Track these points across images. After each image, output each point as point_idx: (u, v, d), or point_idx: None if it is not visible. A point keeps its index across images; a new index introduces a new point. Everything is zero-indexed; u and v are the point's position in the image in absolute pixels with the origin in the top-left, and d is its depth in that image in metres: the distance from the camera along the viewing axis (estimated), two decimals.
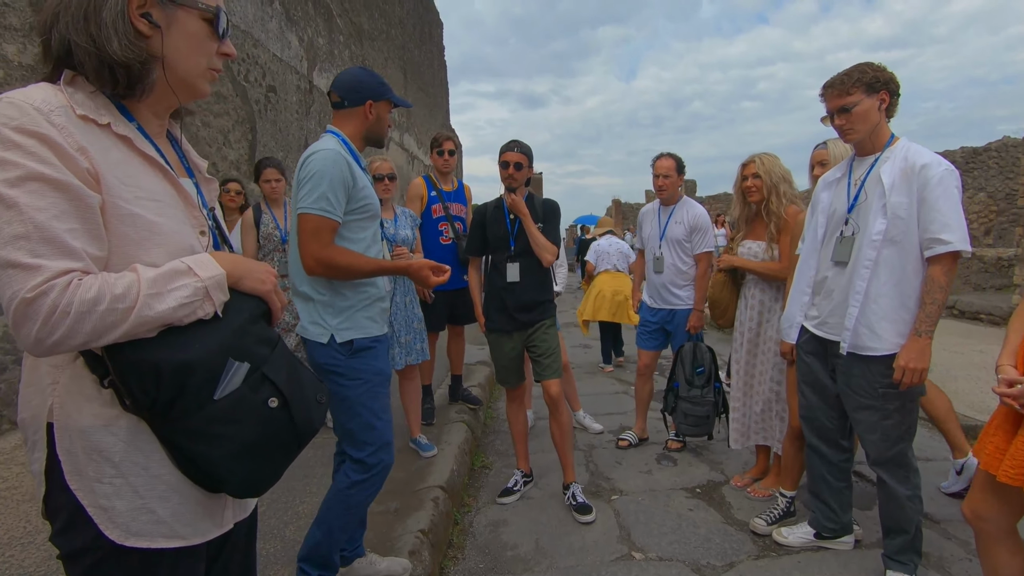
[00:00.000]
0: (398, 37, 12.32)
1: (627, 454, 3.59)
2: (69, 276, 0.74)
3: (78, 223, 0.77)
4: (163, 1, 0.86)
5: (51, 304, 0.72)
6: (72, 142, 0.78)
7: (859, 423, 2.06)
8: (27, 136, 0.75)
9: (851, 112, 1.96)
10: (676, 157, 3.38)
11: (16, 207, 0.73)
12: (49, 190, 0.75)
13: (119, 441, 0.83)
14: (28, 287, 0.72)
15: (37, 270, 0.72)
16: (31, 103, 0.77)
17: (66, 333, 0.74)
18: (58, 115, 0.79)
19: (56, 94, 0.81)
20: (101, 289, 0.75)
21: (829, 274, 2.12)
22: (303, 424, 0.94)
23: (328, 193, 1.69)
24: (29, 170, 0.74)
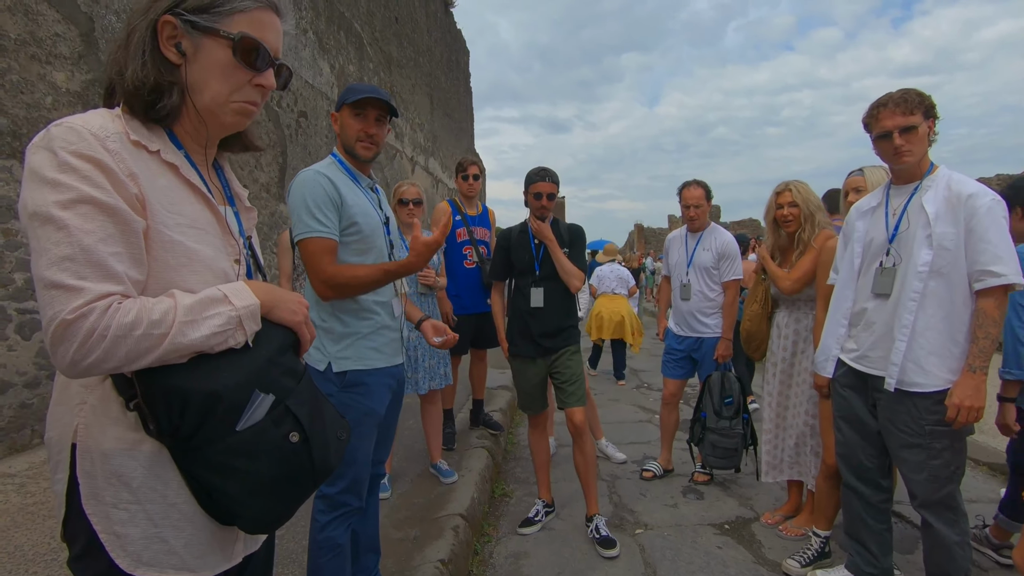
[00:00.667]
0: (426, 65, 12.62)
1: (652, 486, 3.48)
2: (109, 300, 0.75)
3: (123, 247, 0.78)
4: (189, 30, 0.87)
5: (90, 326, 0.73)
6: (124, 168, 0.80)
7: (904, 462, 1.96)
8: (83, 160, 0.76)
9: (914, 132, 1.88)
10: (704, 185, 3.35)
11: (66, 229, 0.74)
12: (98, 214, 0.76)
13: (139, 466, 0.83)
14: (69, 308, 0.73)
15: (80, 292, 0.73)
16: (89, 128, 0.79)
17: (101, 356, 0.74)
18: (113, 141, 0.80)
19: (113, 120, 0.84)
20: (139, 314, 0.76)
21: (869, 306, 2.04)
22: (320, 462, 0.92)
23: (312, 212, 1.64)
24: (81, 193, 0.75)
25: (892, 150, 1.92)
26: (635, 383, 6.61)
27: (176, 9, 0.87)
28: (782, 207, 2.75)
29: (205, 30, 0.88)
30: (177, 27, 0.87)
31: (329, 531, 1.73)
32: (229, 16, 0.89)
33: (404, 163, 10.73)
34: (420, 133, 12.03)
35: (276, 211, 6.09)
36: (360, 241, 1.73)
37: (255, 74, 0.92)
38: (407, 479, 3.19)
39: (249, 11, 0.90)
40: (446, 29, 14.75)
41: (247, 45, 0.89)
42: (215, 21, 0.88)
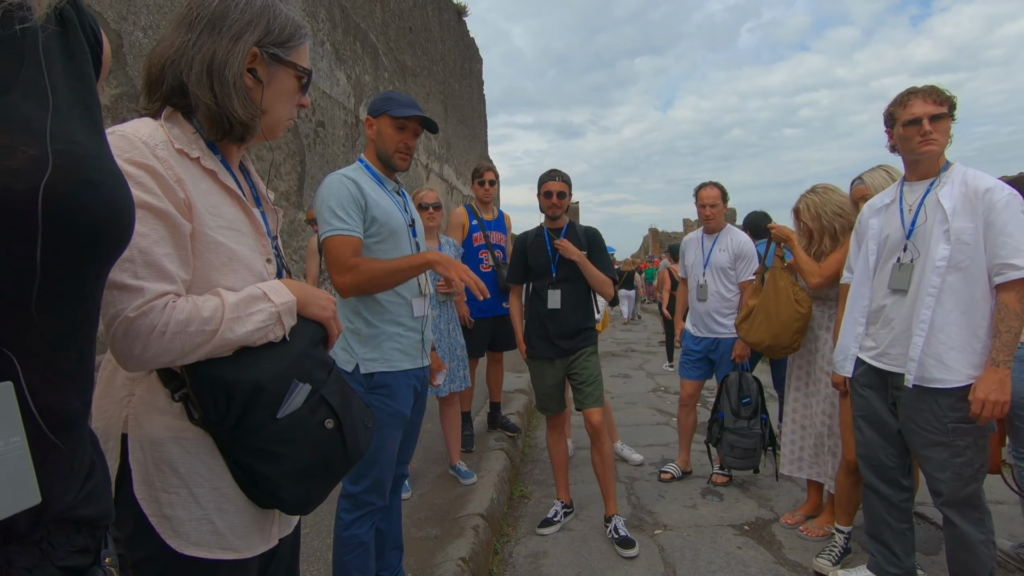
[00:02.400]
0: (439, 73, 12.77)
1: (670, 487, 3.48)
2: (166, 298, 0.81)
3: (173, 249, 0.84)
4: (268, 60, 0.97)
5: (150, 323, 0.79)
6: (172, 174, 0.86)
7: (927, 461, 1.94)
8: (136, 167, 0.83)
9: (941, 122, 1.90)
10: (720, 186, 3.37)
11: None
12: (152, 217, 0.82)
13: (186, 452, 0.88)
14: (132, 307, 0.79)
15: (140, 291, 0.79)
16: (140, 137, 0.85)
17: (159, 351, 0.80)
18: (161, 149, 0.87)
19: (158, 129, 0.90)
20: (192, 312, 0.82)
21: (887, 303, 2.04)
22: (352, 447, 0.98)
23: (335, 212, 1.68)
24: (137, 198, 0.81)
25: (919, 137, 1.92)
26: (651, 386, 6.60)
27: (262, 41, 0.96)
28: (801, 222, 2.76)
29: (283, 62, 0.98)
30: (257, 56, 0.96)
31: (354, 529, 1.78)
32: (296, 50, 1.01)
33: (419, 170, 10.85)
34: (434, 140, 12.15)
35: (295, 219, 6.21)
36: (385, 241, 1.78)
37: (302, 96, 1.05)
38: (427, 480, 3.23)
39: (304, 45, 1.03)
40: (459, 37, 14.91)
41: (307, 76, 1.02)
42: (289, 54, 0.99)
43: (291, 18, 1.01)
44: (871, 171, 2.53)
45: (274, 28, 0.97)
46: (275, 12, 0.98)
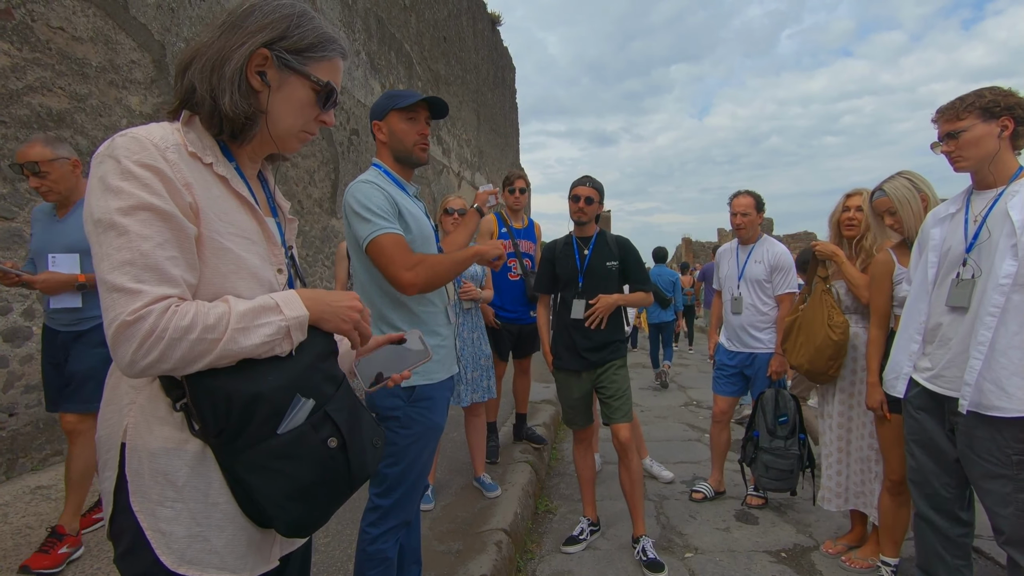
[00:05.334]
0: (472, 82, 12.86)
1: (702, 507, 3.34)
2: (167, 302, 0.78)
3: (178, 252, 0.82)
4: (280, 65, 0.93)
5: (148, 328, 0.76)
6: (180, 177, 0.84)
7: (987, 494, 1.78)
8: (144, 169, 0.81)
9: (958, 138, 1.79)
10: (755, 194, 3.24)
11: (127, 234, 0.78)
12: (156, 220, 0.80)
13: (184, 466, 0.85)
14: (129, 310, 0.76)
15: (139, 294, 0.77)
16: (151, 139, 0.83)
17: (158, 357, 0.77)
18: (172, 152, 0.85)
19: (172, 132, 0.88)
20: (195, 318, 0.79)
21: (944, 320, 1.89)
22: (357, 468, 0.93)
23: (377, 213, 1.64)
24: (141, 200, 0.79)
25: (946, 156, 1.85)
26: (683, 400, 6.42)
27: (273, 45, 0.92)
28: (849, 209, 2.62)
29: (297, 71, 0.95)
30: (268, 58, 0.93)
31: (380, 544, 1.72)
32: (318, 62, 0.97)
33: (451, 178, 10.91)
34: (467, 148, 12.23)
35: (328, 225, 6.30)
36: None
37: (322, 112, 1.00)
38: (450, 491, 3.18)
39: (332, 59, 0.99)
40: (493, 47, 15.01)
41: (328, 90, 0.98)
42: (305, 64, 0.95)
43: (321, 30, 0.97)
44: (891, 179, 2.34)
45: (293, 34, 0.94)
46: (301, 21, 0.95)
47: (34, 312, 3.10)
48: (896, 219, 2.30)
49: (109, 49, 3.54)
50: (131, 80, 3.69)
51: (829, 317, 2.53)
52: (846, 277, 2.54)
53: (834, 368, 2.56)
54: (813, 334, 2.55)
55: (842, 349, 2.53)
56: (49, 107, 3.17)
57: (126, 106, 3.65)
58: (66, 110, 3.26)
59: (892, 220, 2.34)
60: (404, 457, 1.71)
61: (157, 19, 3.92)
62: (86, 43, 3.39)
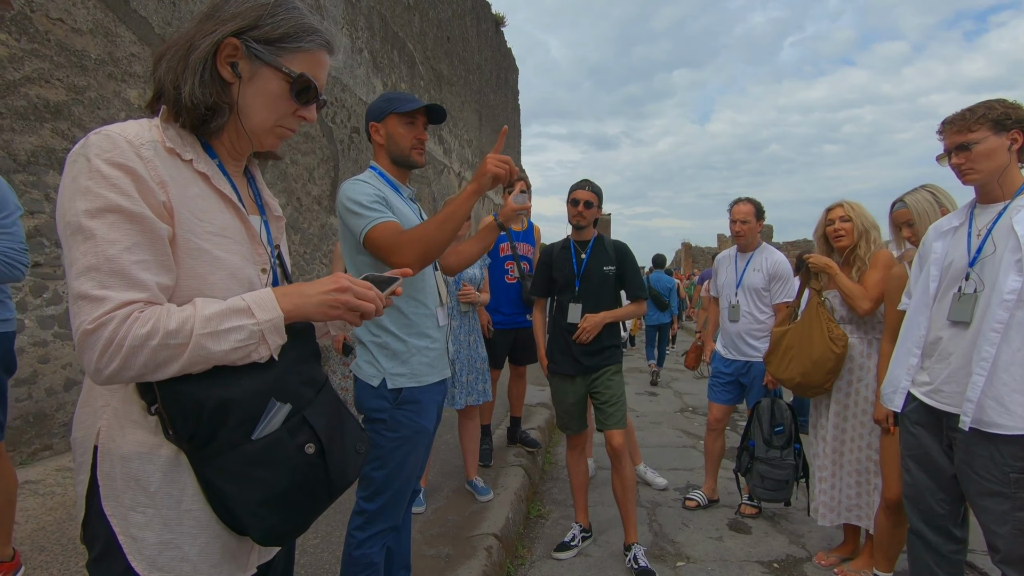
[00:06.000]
0: (475, 82, 12.85)
1: (695, 516, 3.33)
2: (129, 308, 0.76)
3: (149, 255, 0.79)
4: (250, 55, 0.89)
5: (108, 336, 0.74)
6: (155, 175, 0.81)
7: (984, 512, 1.76)
8: (114, 168, 0.78)
9: (971, 150, 1.76)
10: (755, 202, 3.23)
11: (93, 238, 0.76)
12: (124, 222, 0.77)
13: (157, 471, 0.83)
14: (91, 318, 0.74)
15: (102, 301, 0.75)
16: (125, 136, 0.81)
17: (121, 365, 0.75)
18: (147, 149, 0.82)
19: (150, 129, 0.85)
20: (156, 324, 0.76)
21: (944, 335, 1.87)
22: (337, 475, 0.90)
23: (370, 206, 1.62)
24: (109, 202, 0.77)
25: (954, 168, 1.82)
26: (679, 406, 6.40)
27: (243, 34, 0.88)
28: (833, 222, 2.61)
29: (267, 62, 0.90)
30: (238, 48, 0.88)
31: (365, 548, 1.70)
32: (293, 53, 0.91)
33: (451, 178, 10.89)
34: (468, 149, 12.21)
35: (326, 223, 6.28)
36: None
37: (301, 107, 0.95)
38: (442, 494, 3.16)
39: (310, 51, 0.93)
40: (496, 47, 15.00)
41: (303, 83, 0.92)
42: (278, 55, 0.90)
43: (299, 20, 0.92)
44: (914, 192, 2.35)
45: (266, 24, 0.89)
46: (276, 10, 0.90)
47: (27, 304, 3.07)
48: (914, 231, 2.29)
49: (109, 42, 3.52)
50: (130, 73, 3.67)
51: (829, 331, 2.50)
52: (841, 289, 2.52)
53: (830, 381, 2.55)
54: (810, 347, 2.52)
55: (842, 362, 2.51)
56: (47, 99, 3.15)
57: (124, 99, 3.63)
58: (64, 102, 3.24)
59: (910, 232, 2.33)
60: (390, 460, 1.68)
61: (158, 12, 3.89)
62: (85, 35, 3.36)
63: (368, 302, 0.92)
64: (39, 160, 3.12)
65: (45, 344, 3.17)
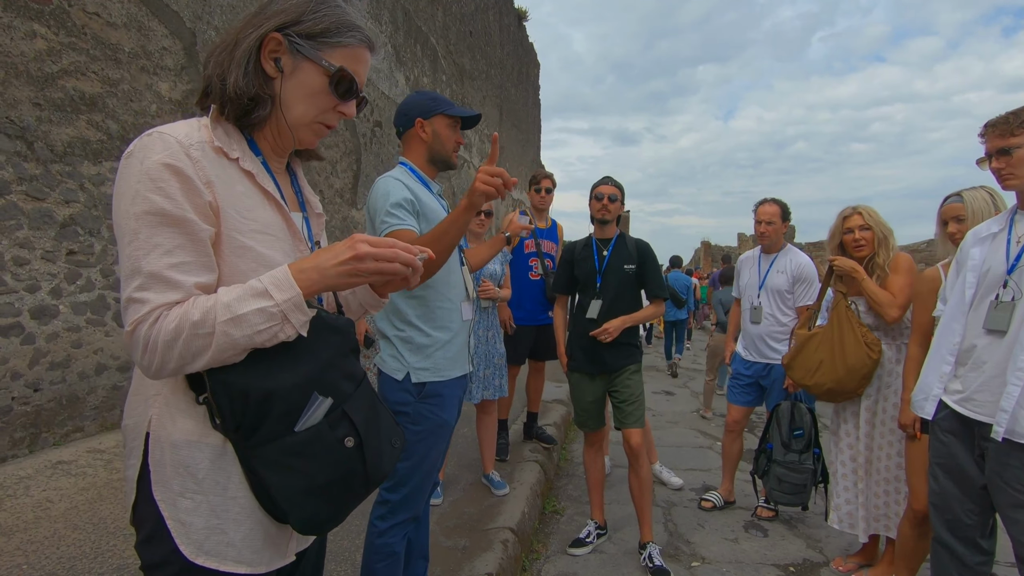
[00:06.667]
0: (496, 77, 12.83)
1: (711, 516, 3.32)
2: (160, 310, 0.79)
3: (191, 255, 0.82)
4: (292, 50, 0.92)
5: (144, 337, 0.79)
6: (202, 175, 0.84)
7: (1014, 523, 1.72)
8: (163, 169, 0.81)
9: (1012, 155, 1.73)
10: (781, 203, 3.19)
11: (136, 241, 0.80)
12: (167, 225, 0.80)
13: (205, 459, 0.86)
14: (130, 321, 0.79)
15: (143, 304, 0.79)
16: (175, 137, 0.84)
17: (160, 361, 0.79)
18: (196, 149, 0.85)
19: (199, 129, 0.88)
20: (181, 320, 0.79)
21: (979, 343, 1.83)
22: (373, 468, 0.93)
23: (392, 212, 1.65)
24: (153, 205, 0.80)
25: (995, 172, 1.79)
26: (696, 406, 6.36)
27: (286, 29, 0.91)
28: (852, 231, 2.57)
29: (308, 56, 0.92)
30: (281, 44, 0.91)
31: (387, 537, 1.74)
32: (333, 48, 0.94)
33: (471, 173, 10.92)
34: (488, 144, 12.22)
35: (348, 216, 6.35)
36: None
37: (341, 102, 0.96)
38: (459, 487, 3.20)
39: (351, 46, 0.95)
40: (518, 42, 14.96)
41: (343, 77, 0.94)
42: (319, 49, 0.93)
43: (340, 16, 0.94)
44: (972, 189, 2.27)
45: (308, 19, 0.91)
46: (319, 6, 0.93)
47: (61, 291, 3.17)
48: (962, 228, 2.20)
49: (142, 35, 3.60)
50: (162, 67, 3.75)
51: (864, 335, 2.47)
52: (868, 294, 2.48)
53: (863, 387, 2.51)
54: (843, 354, 2.48)
55: (876, 368, 2.49)
56: (82, 91, 3.23)
57: (156, 92, 3.71)
58: (98, 94, 3.32)
59: (956, 228, 2.24)
60: (413, 453, 1.72)
61: (189, 7, 3.96)
62: (120, 29, 3.44)
63: (391, 262, 0.86)
64: (75, 151, 3.21)
65: (78, 329, 3.27)
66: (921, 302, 2.28)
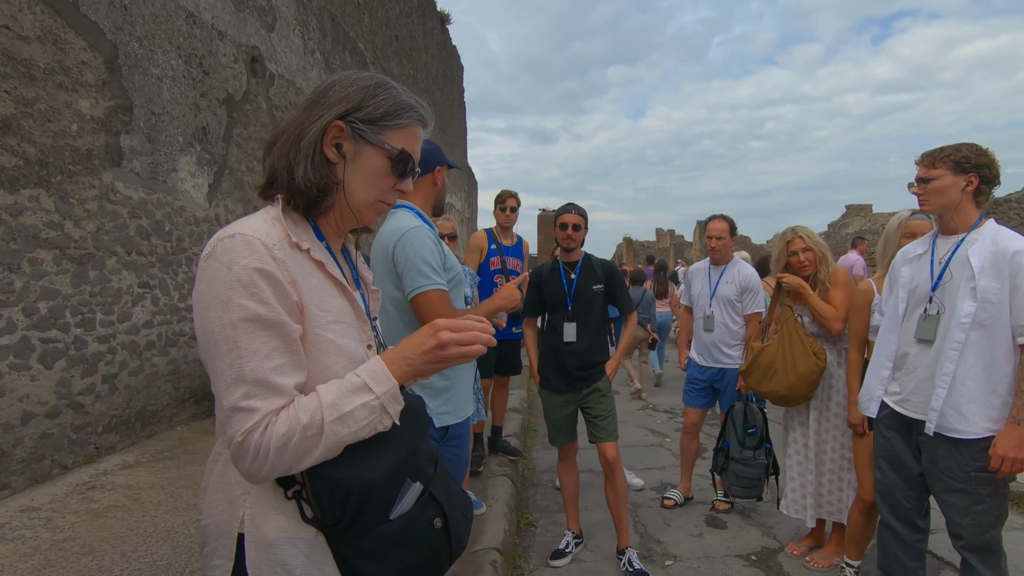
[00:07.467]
0: (423, 81, 12.70)
1: (674, 514, 3.53)
2: (269, 416, 0.79)
3: (287, 357, 0.82)
4: (355, 136, 0.92)
5: (255, 445, 0.78)
6: (287, 276, 0.83)
7: (948, 506, 2.01)
8: (254, 274, 0.80)
9: (928, 184, 2.00)
10: (729, 219, 3.44)
11: (236, 349, 0.79)
12: (263, 331, 0.80)
13: (300, 554, 0.85)
14: (241, 430, 0.78)
15: (252, 412, 0.78)
16: (259, 239, 0.82)
17: (271, 467, 0.79)
18: (279, 249, 0.84)
19: (274, 225, 0.87)
20: (291, 424, 0.79)
21: (911, 351, 2.10)
22: (456, 544, 0.95)
23: (435, 266, 1.70)
24: (249, 312, 0.79)
25: (916, 196, 2.07)
26: (640, 405, 6.68)
27: (348, 116, 0.91)
28: (796, 253, 2.85)
29: (370, 141, 0.92)
30: (343, 130, 0.91)
31: None
32: (393, 131, 0.94)
33: None
34: None
35: None
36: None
37: (400, 181, 0.98)
38: None
39: (408, 127, 0.96)
40: (442, 45, 14.86)
41: (403, 158, 0.95)
42: (380, 133, 0.93)
43: (397, 99, 0.95)
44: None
45: (368, 105, 0.92)
46: (377, 91, 0.94)
47: None
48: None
49: (58, 49, 3.28)
50: (81, 83, 3.43)
51: (811, 346, 2.74)
52: (815, 308, 2.75)
53: (813, 392, 2.78)
54: (794, 363, 2.74)
55: (823, 374, 2.75)
56: None
57: (76, 110, 3.39)
58: (12, 115, 2.99)
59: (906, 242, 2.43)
60: None
61: (109, 17, 3.65)
62: (33, 43, 3.12)
63: (473, 344, 0.88)
64: None
65: (0, 376, 2.94)
66: (857, 312, 2.56)
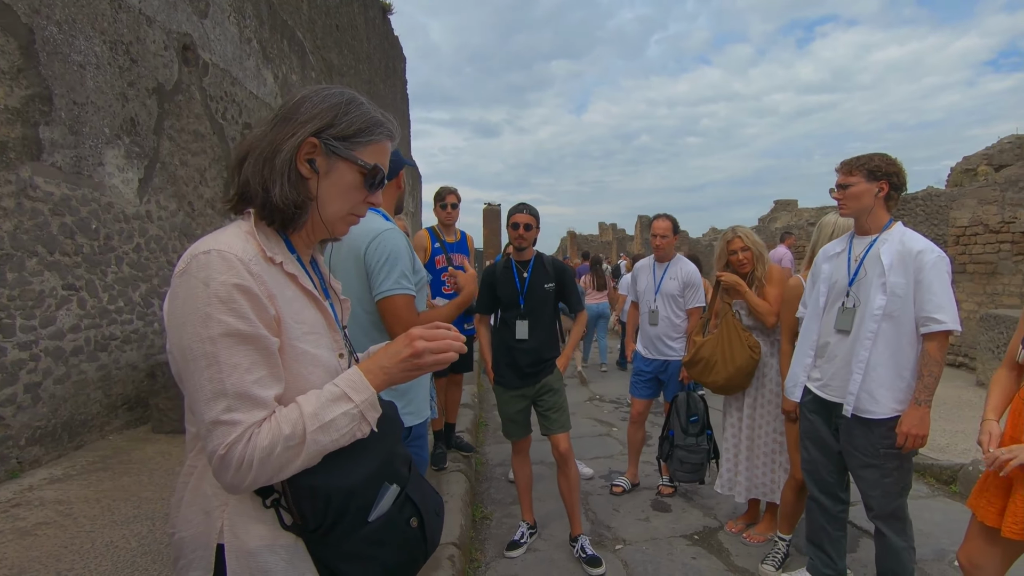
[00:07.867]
0: (365, 72, 12.41)
1: (622, 500, 3.69)
2: (251, 429, 0.81)
3: (266, 370, 0.84)
4: (328, 152, 0.94)
5: (238, 458, 0.80)
6: (264, 290, 0.85)
7: (862, 480, 2.24)
8: (232, 290, 0.81)
9: (846, 190, 2.21)
10: (672, 218, 3.61)
11: (216, 364, 0.80)
12: (243, 345, 0.81)
13: (281, 561, 0.87)
14: (223, 443, 0.79)
15: (234, 425, 0.80)
16: (235, 254, 0.83)
17: (254, 477, 0.81)
18: (255, 263, 0.85)
19: (248, 240, 0.88)
20: (273, 435, 0.81)
21: (831, 340, 2.31)
22: (431, 542, 1.00)
23: (405, 271, 1.74)
24: (228, 327, 0.80)
25: (836, 200, 2.28)
26: (587, 395, 6.87)
27: (321, 134, 0.93)
28: (735, 252, 3.04)
29: (344, 157, 0.95)
30: (317, 147, 0.93)
31: None
32: (364, 146, 0.97)
33: None
34: None
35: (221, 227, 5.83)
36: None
37: (371, 194, 1.01)
38: None
39: (379, 142, 0.99)
40: (384, 36, 14.56)
41: (375, 173, 0.98)
42: (353, 149, 0.95)
43: (368, 115, 0.98)
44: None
45: (341, 122, 0.94)
46: (349, 108, 0.96)
47: None
48: None
49: None
50: None
51: (747, 340, 2.93)
52: (751, 304, 2.96)
53: (749, 382, 2.98)
54: (733, 357, 2.93)
55: (758, 365, 2.95)
56: None
57: None
58: None
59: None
60: None
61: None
62: None
63: (446, 352, 0.93)
64: None
65: None
66: (787, 306, 2.78)
